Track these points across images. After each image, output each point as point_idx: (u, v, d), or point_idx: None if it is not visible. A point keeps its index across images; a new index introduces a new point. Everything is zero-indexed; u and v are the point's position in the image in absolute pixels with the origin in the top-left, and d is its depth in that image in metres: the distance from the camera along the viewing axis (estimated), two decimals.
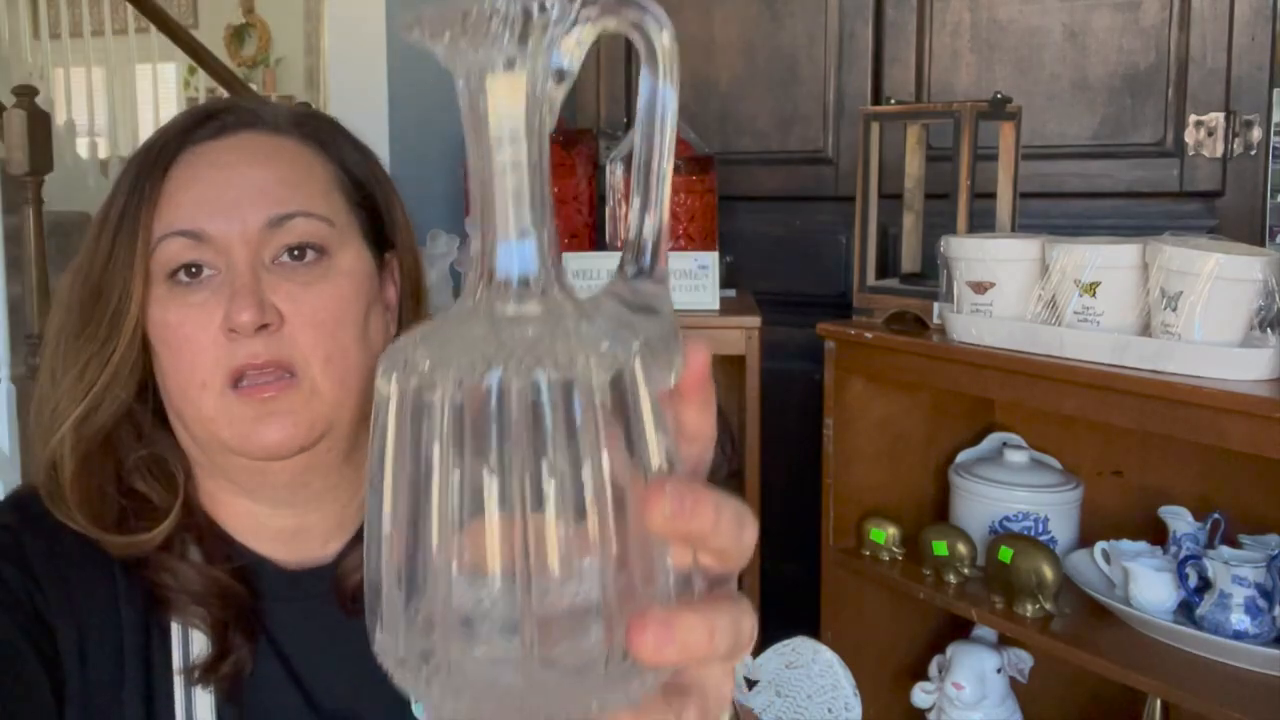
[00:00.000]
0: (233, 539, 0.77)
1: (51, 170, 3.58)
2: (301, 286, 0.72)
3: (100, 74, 4.87)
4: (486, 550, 0.32)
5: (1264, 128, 1.89)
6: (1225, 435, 1.20)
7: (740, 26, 2.30)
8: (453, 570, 0.33)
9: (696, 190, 1.92)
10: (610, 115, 2.41)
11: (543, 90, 0.35)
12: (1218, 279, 1.20)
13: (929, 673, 1.67)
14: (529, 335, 0.34)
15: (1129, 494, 1.65)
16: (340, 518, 0.79)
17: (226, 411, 0.71)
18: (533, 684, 0.33)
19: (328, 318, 0.72)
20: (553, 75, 0.35)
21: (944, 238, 1.51)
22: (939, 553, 1.55)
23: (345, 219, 0.76)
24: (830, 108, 2.23)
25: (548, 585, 0.32)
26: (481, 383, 0.32)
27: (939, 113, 1.70)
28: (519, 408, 0.32)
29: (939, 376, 1.52)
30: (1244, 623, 1.28)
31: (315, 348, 0.71)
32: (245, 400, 0.70)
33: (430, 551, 0.33)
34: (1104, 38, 2.00)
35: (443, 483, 0.33)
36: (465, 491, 0.33)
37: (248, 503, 0.77)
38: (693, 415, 0.38)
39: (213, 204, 0.72)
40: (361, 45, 2.31)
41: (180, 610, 0.72)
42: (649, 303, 0.38)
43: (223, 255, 0.71)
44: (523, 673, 0.33)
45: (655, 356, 0.35)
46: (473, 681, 0.33)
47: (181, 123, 0.76)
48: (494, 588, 0.32)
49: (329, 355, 0.72)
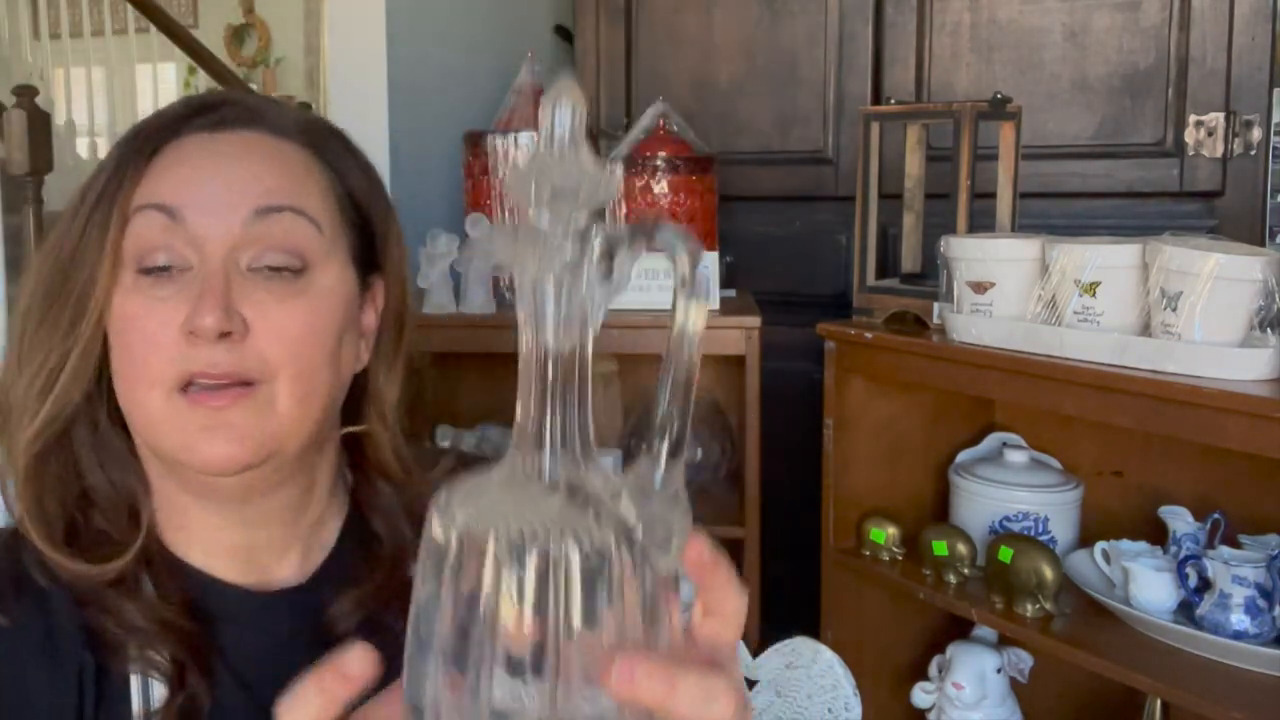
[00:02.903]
0: (185, 563, 0.73)
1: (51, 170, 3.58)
2: (275, 298, 0.67)
3: (100, 74, 4.87)
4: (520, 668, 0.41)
5: (1264, 128, 1.89)
6: (1225, 435, 1.20)
7: (740, 26, 2.30)
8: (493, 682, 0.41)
9: (696, 190, 1.92)
10: (610, 115, 2.41)
11: (590, 293, 0.42)
12: (1218, 279, 1.20)
13: (929, 673, 1.67)
14: (556, 511, 0.42)
15: (1129, 494, 1.64)
16: (288, 538, 0.75)
17: (173, 417, 0.66)
18: None
19: (298, 334, 0.68)
20: (599, 282, 0.42)
21: (944, 238, 1.51)
22: (939, 553, 1.55)
23: (335, 232, 0.72)
24: (830, 108, 2.23)
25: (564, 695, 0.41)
26: (520, 544, 0.41)
27: (939, 113, 1.70)
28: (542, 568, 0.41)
29: (939, 376, 1.52)
30: (1244, 623, 1.28)
31: (280, 363, 0.67)
32: (194, 406, 0.66)
33: (476, 673, 0.41)
34: (1104, 38, 2.00)
35: (489, 619, 0.41)
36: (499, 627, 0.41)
37: (200, 513, 0.72)
38: (710, 595, 0.45)
39: (197, 186, 0.68)
40: (361, 45, 2.31)
41: (134, 659, 0.68)
42: (663, 491, 0.45)
43: (197, 249, 0.67)
44: None
45: (653, 540, 0.43)
46: None
47: (178, 109, 0.72)
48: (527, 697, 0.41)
49: (295, 373, 0.68)
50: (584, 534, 0.41)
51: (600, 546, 0.41)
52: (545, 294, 0.41)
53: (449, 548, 0.42)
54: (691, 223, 1.91)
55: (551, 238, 0.41)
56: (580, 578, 0.41)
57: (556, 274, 0.41)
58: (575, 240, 0.41)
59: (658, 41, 2.38)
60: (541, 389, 0.42)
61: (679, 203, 1.91)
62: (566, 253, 0.41)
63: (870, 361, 1.63)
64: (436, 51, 2.43)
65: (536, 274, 0.41)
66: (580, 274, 0.41)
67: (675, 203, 1.91)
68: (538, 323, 0.42)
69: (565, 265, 0.41)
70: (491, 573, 0.41)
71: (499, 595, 0.41)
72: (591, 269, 0.41)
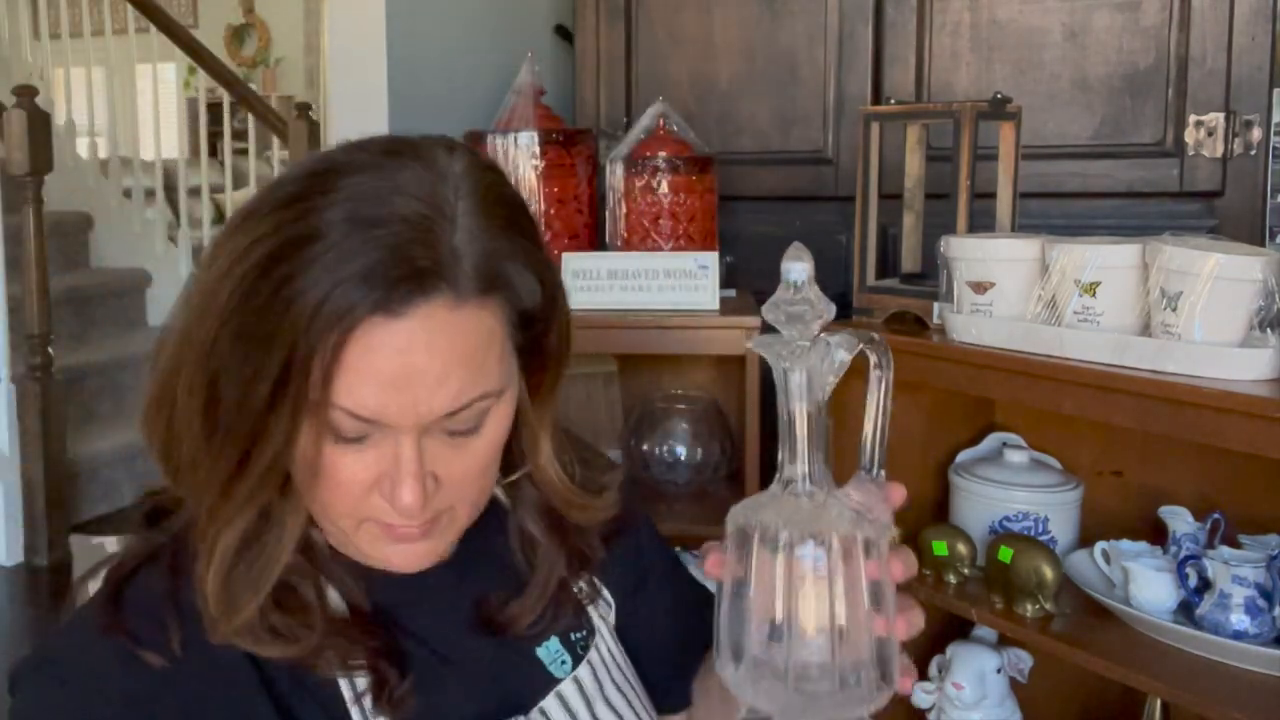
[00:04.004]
0: (356, 563, 0.76)
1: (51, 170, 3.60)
2: (456, 451, 0.70)
3: (100, 74, 4.87)
4: (808, 629, 0.63)
5: (1264, 128, 1.89)
6: (1225, 435, 1.20)
7: (740, 26, 2.30)
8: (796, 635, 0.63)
9: (696, 190, 1.92)
10: (610, 115, 2.41)
11: (821, 378, 0.65)
12: (1218, 279, 1.20)
13: (929, 673, 1.67)
14: (808, 513, 0.64)
15: (1129, 494, 1.64)
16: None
17: (365, 536, 0.72)
18: (825, 701, 0.63)
19: (480, 470, 0.72)
20: (831, 370, 0.65)
21: (944, 238, 1.51)
22: (939, 553, 1.55)
23: (512, 366, 0.72)
24: (830, 108, 2.23)
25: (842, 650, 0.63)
26: (794, 539, 0.63)
27: (939, 113, 1.70)
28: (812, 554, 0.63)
29: (939, 376, 1.52)
30: (1244, 623, 1.28)
31: (466, 497, 0.73)
32: (388, 532, 0.71)
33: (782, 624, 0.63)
34: (1104, 38, 2.00)
35: (792, 600, 0.63)
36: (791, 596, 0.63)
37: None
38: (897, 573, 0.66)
39: (390, 396, 0.66)
40: (361, 45, 2.31)
41: (335, 668, 0.72)
42: (869, 504, 0.67)
43: (391, 432, 0.68)
44: (820, 690, 0.63)
45: (876, 530, 0.65)
46: (788, 696, 0.63)
47: (375, 279, 0.64)
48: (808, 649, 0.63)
49: (477, 499, 0.74)
50: (843, 527, 0.64)
51: (846, 536, 0.63)
52: (794, 379, 0.65)
53: (752, 538, 0.63)
54: (691, 223, 1.92)
55: (792, 342, 0.64)
56: (840, 557, 0.63)
57: (801, 366, 0.65)
58: (811, 344, 0.65)
59: (658, 41, 2.38)
60: (792, 439, 0.66)
61: (679, 203, 1.91)
62: (807, 353, 0.64)
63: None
64: (436, 51, 2.43)
65: (789, 365, 0.65)
66: (813, 364, 0.65)
67: (675, 203, 1.91)
68: (788, 393, 0.66)
69: (804, 359, 0.65)
70: (783, 557, 0.62)
71: (794, 575, 0.62)
72: (819, 363, 0.65)
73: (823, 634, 0.62)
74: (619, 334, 1.72)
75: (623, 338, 1.73)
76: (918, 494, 1.76)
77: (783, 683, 0.62)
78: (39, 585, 3.32)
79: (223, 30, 7.90)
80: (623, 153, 1.95)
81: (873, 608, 0.64)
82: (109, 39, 4.71)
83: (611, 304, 1.78)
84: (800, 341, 0.64)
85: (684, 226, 1.91)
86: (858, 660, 0.63)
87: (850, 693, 0.63)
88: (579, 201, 1.98)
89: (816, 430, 0.66)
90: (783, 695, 0.62)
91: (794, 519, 0.63)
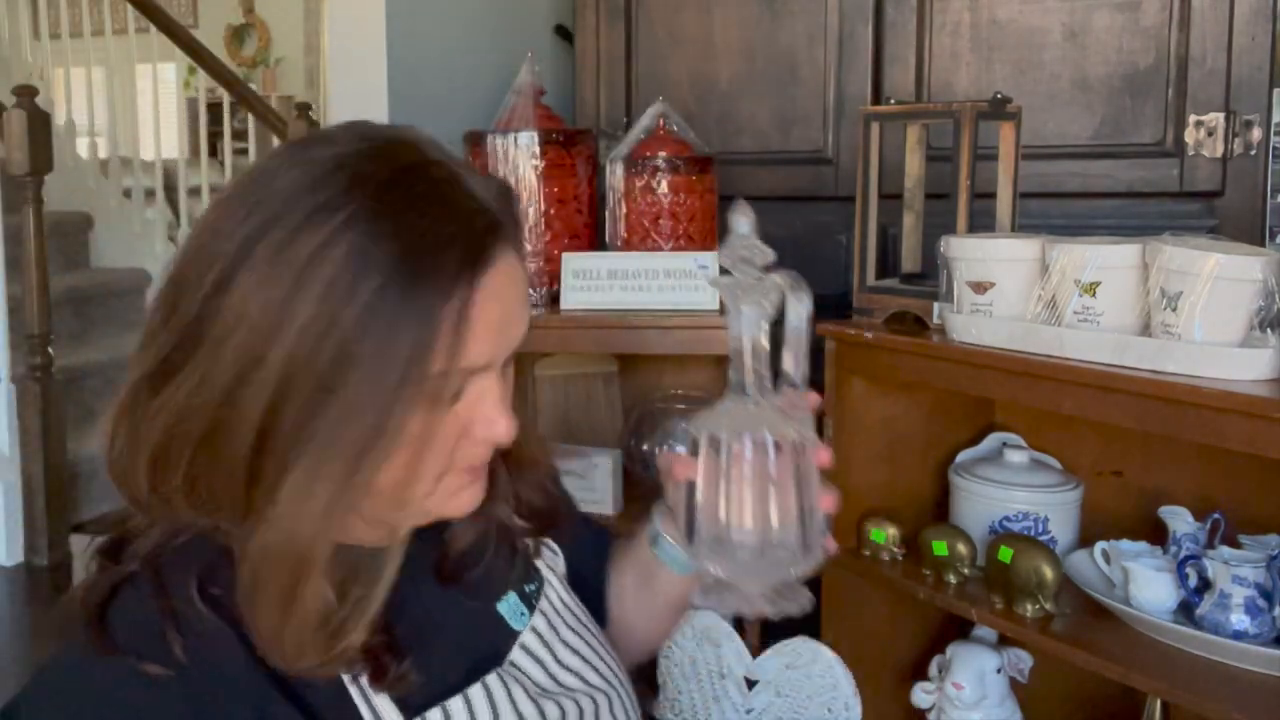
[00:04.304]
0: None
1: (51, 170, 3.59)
2: (505, 378, 0.78)
3: (100, 74, 4.87)
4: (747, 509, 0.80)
5: (1264, 128, 1.89)
6: (1225, 435, 1.20)
7: (740, 26, 2.30)
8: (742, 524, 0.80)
9: (696, 190, 1.92)
10: (610, 115, 2.41)
11: (764, 311, 0.82)
12: (1218, 279, 1.20)
13: (929, 673, 1.67)
14: (751, 415, 0.81)
15: (1129, 494, 1.65)
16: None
17: (444, 490, 0.76)
18: (764, 563, 0.80)
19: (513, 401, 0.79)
20: (771, 304, 0.82)
21: (944, 238, 1.51)
22: (939, 553, 1.55)
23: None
24: (830, 108, 2.23)
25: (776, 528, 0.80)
26: (740, 437, 0.80)
27: (939, 113, 1.70)
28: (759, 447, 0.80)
29: (939, 376, 1.52)
30: (1244, 623, 1.28)
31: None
32: (459, 476, 0.76)
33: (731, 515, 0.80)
34: (1104, 38, 2.00)
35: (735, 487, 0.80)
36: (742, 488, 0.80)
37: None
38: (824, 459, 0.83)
39: (499, 340, 0.74)
40: (361, 45, 2.31)
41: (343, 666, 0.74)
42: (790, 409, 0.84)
43: (481, 374, 0.75)
44: (760, 558, 0.80)
45: (801, 431, 0.82)
46: (740, 562, 0.80)
47: (464, 241, 0.70)
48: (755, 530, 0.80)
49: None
50: (778, 427, 0.80)
51: (781, 433, 0.80)
52: (745, 311, 0.81)
53: (701, 441, 0.80)
54: (691, 222, 1.91)
55: (743, 280, 0.81)
56: (774, 448, 0.79)
57: (751, 299, 0.81)
58: (756, 281, 0.81)
59: (658, 41, 2.38)
60: (740, 360, 0.80)
61: (679, 203, 1.91)
62: (753, 290, 0.80)
63: (870, 361, 1.63)
64: (436, 51, 2.43)
65: (740, 298, 0.80)
66: (758, 300, 0.81)
67: (675, 203, 1.90)
68: (741, 323, 0.81)
69: (751, 294, 0.81)
70: (724, 455, 0.79)
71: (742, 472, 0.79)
72: (763, 298, 0.81)
73: (760, 512, 0.78)
74: (619, 334, 1.71)
75: (623, 338, 1.73)
76: (918, 494, 1.76)
77: (731, 553, 0.79)
78: (39, 585, 3.32)
79: (223, 30, 7.90)
80: (623, 153, 1.95)
81: (802, 489, 0.80)
82: (109, 39, 4.71)
83: (611, 304, 1.78)
84: (749, 279, 0.80)
85: (684, 226, 1.91)
86: (788, 532, 0.79)
87: (783, 556, 0.80)
88: (579, 201, 1.98)
89: (759, 353, 0.81)
90: (730, 563, 0.80)
91: (737, 422, 0.79)
